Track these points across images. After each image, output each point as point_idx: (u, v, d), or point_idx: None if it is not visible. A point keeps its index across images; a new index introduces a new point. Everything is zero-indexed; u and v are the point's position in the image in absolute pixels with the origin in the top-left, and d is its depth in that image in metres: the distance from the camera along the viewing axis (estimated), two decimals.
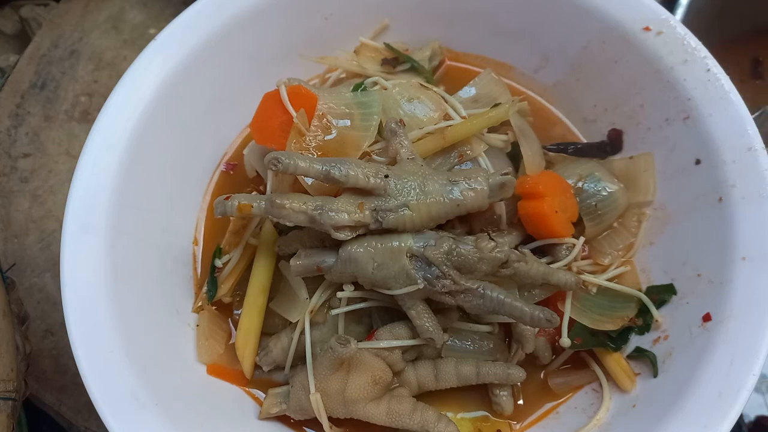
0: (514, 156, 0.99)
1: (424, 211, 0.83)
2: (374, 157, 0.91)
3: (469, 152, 0.93)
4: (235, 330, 0.97)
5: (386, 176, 0.83)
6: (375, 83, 1.00)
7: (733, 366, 0.81)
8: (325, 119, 0.92)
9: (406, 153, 0.87)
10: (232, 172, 1.08)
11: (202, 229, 1.05)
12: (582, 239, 0.94)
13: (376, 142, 0.93)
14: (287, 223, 0.83)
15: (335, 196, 0.85)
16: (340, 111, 0.93)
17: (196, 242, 1.04)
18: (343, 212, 0.82)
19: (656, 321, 0.92)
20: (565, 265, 0.92)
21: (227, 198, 0.85)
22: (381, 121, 0.93)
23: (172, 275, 1.00)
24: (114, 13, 1.38)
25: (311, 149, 0.90)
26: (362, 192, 0.83)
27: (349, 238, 0.82)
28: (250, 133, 1.09)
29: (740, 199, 0.88)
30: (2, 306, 0.93)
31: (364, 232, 0.83)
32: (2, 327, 0.91)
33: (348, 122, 0.92)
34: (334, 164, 0.82)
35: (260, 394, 0.95)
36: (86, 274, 0.86)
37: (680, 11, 1.19)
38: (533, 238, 0.94)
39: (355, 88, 0.98)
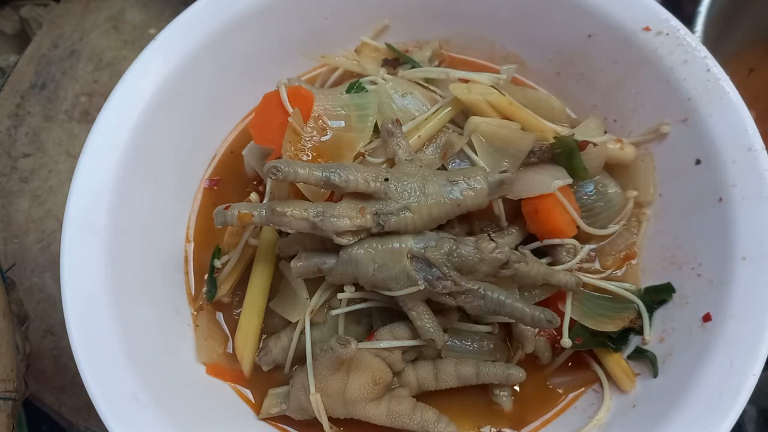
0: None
1: (425, 212, 0.83)
2: (368, 158, 0.91)
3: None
4: (230, 333, 0.98)
5: (386, 179, 0.83)
6: (373, 82, 1.00)
7: (733, 366, 0.81)
8: (320, 120, 0.92)
9: (404, 154, 0.87)
10: (215, 188, 1.07)
11: (194, 228, 1.05)
12: (587, 247, 0.94)
13: (369, 142, 0.93)
14: (288, 230, 0.83)
15: (331, 199, 0.85)
16: (335, 113, 0.93)
17: (188, 239, 1.04)
18: (345, 217, 0.81)
19: (644, 340, 0.92)
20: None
21: (227, 208, 0.85)
22: (377, 122, 0.93)
23: (171, 275, 1.00)
24: (114, 13, 1.38)
25: (307, 150, 0.90)
26: (363, 196, 0.83)
27: (352, 242, 0.82)
28: (238, 137, 1.10)
29: (740, 199, 0.88)
30: (2, 306, 0.93)
31: (366, 235, 0.83)
32: (2, 327, 0.91)
33: (343, 123, 0.93)
34: (333, 170, 0.82)
35: (260, 395, 0.95)
36: (86, 274, 0.86)
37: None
38: (534, 238, 0.94)
39: (350, 87, 0.98)
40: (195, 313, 0.99)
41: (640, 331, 0.93)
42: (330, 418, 0.87)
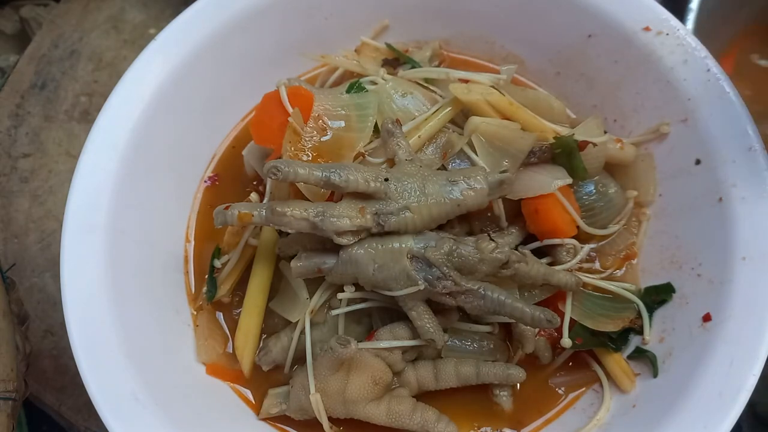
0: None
1: (425, 212, 0.83)
2: (368, 158, 0.91)
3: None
4: (230, 333, 0.98)
5: (386, 179, 0.83)
6: (373, 82, 1.00)
7: (733, 366, 0.81)
8: (320, 120, 0.92)
9: (404, 154, 0.87)
10: (218, 183, 1.07)
11: (194, 228, 1.05)
12: (587, 246, 0.94)
13: (369, 142, 0.93)
14: (288, 230, 0.83)
15: (331, 199, 0.85)
16: (336, 113, 0.93)
17: (187, 239, 1.04)
18: (345, 217, 0.81)
19: (644, 340, 0.92)
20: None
21: (227, 208, 0.85)
22: (377, 122, 0.93)
23: (171, 275, 1.00)
24: (114, 13, 1.38)
25: (307, 150, 0.90)
26: (363, 196, 0.83)
27: (352, 242, 0.82)
28: (237, 137, 1.10)
29: (740, 199, 0.88)
30: (2, 306, 0.93)
31: (366, 235, 0.83)
32: (2, 327, 0.91)
33: (343, 123, 0.93)
34: (333, 170, 0.82)
35: (260, 395, 0.95)
36: (86, 274, 0.86)
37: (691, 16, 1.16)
38: (534, 238, 0.94)
39: (350, 87, 0.98)
40: (195, 313, 0.99)
41: (640, 331, 0.93)
42: (330, 418, 0.87)
